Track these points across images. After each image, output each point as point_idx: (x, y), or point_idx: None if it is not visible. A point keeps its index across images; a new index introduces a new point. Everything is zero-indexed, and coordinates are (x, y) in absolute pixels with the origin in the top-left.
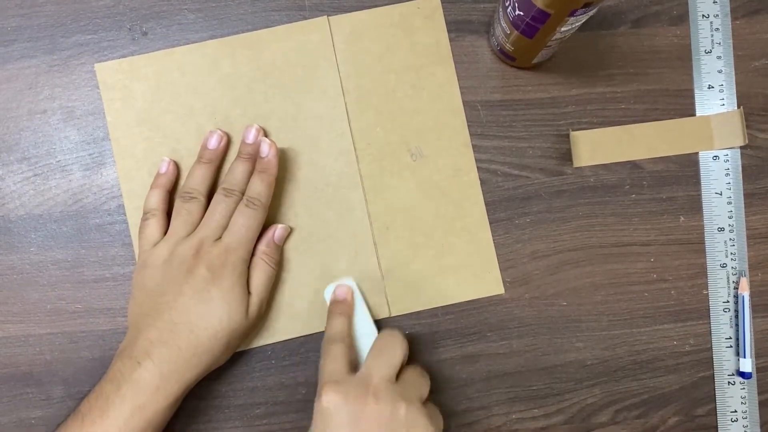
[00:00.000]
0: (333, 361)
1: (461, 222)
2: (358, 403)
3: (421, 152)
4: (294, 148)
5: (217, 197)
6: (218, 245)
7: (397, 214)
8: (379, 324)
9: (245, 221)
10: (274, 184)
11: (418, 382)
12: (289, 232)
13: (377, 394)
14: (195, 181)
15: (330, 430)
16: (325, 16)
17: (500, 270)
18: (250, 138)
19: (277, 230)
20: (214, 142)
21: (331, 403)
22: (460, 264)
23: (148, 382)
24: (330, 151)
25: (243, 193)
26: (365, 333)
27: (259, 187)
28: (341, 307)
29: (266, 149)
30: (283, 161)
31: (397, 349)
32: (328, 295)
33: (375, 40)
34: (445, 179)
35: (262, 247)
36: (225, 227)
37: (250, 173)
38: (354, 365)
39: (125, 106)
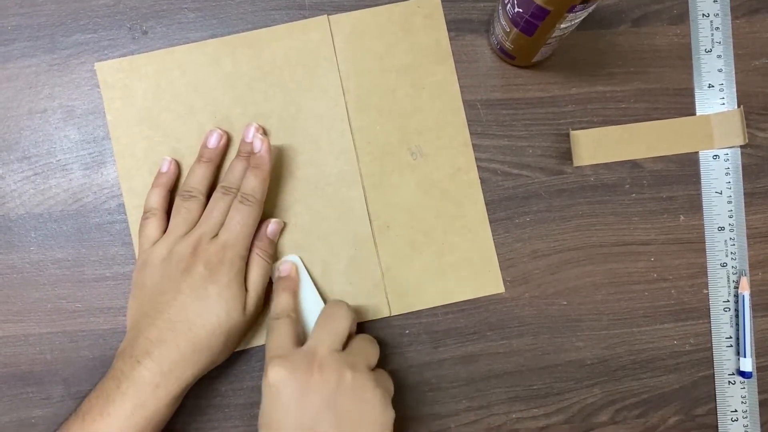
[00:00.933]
0: (278, 337)
1: (461, 221)
2: (304, 375)
3: (421, 151)
4: (294, 147)
5: (216, 195)
6: (215, 242)
7: (397, 212)
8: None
9: (240, 218)
10: (269, 179)
11: (364, 349)
12: (283, 226)
13: (322, 364)
14: (195, 179)
15: (278, 405)
16: (325, 15)
17: (500, 269)
18: (249, 136)
19: (270, 225)
20: (213, 141)
21: (277, 377)
22: (461, 262)
23: (148, 380)
24: (330, 150)
25: None
26: (312, 308)
27: (253, 183)
28: (285, 283)
29: (258, 145)
30: (284, 160)
31: (341, 319)
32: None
33: (375, 39)
34: (445, 178)
35: (256, 242)
36: (223, 224)
37: None
38: (301, 340)
39: (125, 105)
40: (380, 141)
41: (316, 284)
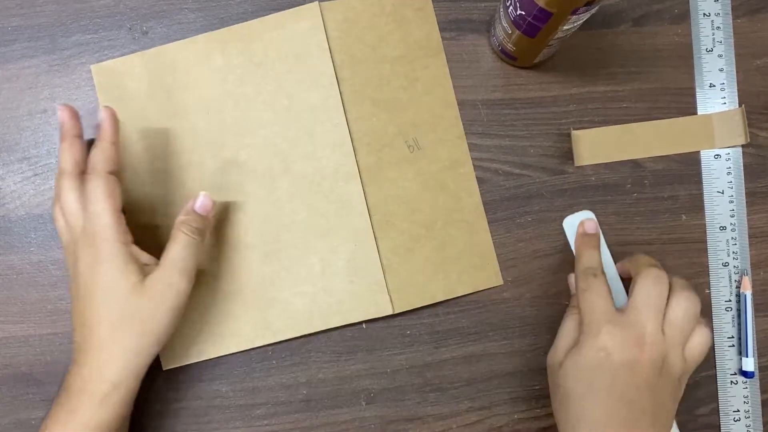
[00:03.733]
0: (601, 298)
1: (459, 214)
2: (635, 349)
3: (417, 144)
4: (289, 140)
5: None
6: (85, 231)
7: (397, 206)
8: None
9: (91, 198)
10: (115, 148)
11: (685, 326)
12: (214, 202)
13: (652, 344)
14: (66, 160)
15: (606, 370)
16: (317, 2)
17: (502, 269)
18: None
19: (198, 199)
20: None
21: (612, 343)
22: (460, 256)
23: (74, 387)
24: (326, 143)
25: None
26: (607, 268)
27: (97, 156)
28: (594, 240)
29: (101, 115)
30: (278, 154)
31: (664, 290)
32: (567, 227)
33: (368, 29)
34: (441, 171)
35: (180, 217)
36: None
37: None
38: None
39: (121, 106)
40: (377, 133)
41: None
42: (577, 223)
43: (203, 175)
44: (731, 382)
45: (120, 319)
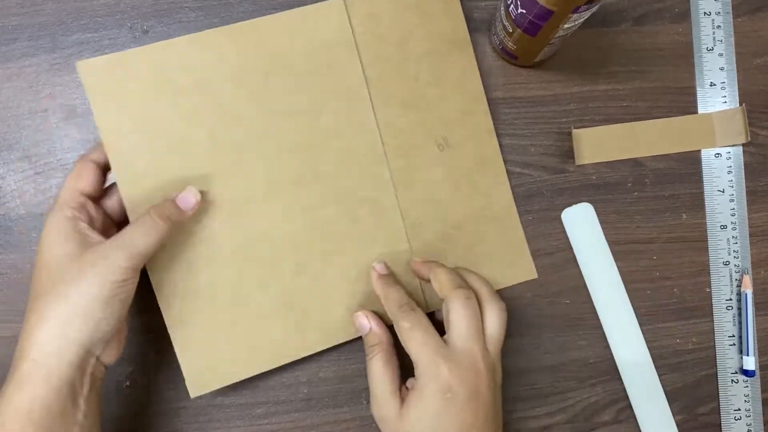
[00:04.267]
0: (428, 333)
1: (490, 211)
2: (476, 381)
3: (447, 142)
4: (316, 145)
5: None
6: None
7: (427, 208)
8: None
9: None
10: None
11: (501, 336)
12: (198, 200)
13: (486, 369)
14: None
15: (452, 410)
16: None
17: None
18: None
19: (182, 192)
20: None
21: (454, 381)
22: (492, 253)
23: (12, 366)
24: (355, 146)
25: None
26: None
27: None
28: (391, 279)
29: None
30: (307, 159)
31: (477, 312)
32: (566, 219)
33: (393, 25)
34: (472, 169)
35: (160, 203)
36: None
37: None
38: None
39: (119, 108)
40: (406, 134)
41: None
42: (576, 215)
43: (223, 185)
44: (732, 380)
45: (45, 287)
